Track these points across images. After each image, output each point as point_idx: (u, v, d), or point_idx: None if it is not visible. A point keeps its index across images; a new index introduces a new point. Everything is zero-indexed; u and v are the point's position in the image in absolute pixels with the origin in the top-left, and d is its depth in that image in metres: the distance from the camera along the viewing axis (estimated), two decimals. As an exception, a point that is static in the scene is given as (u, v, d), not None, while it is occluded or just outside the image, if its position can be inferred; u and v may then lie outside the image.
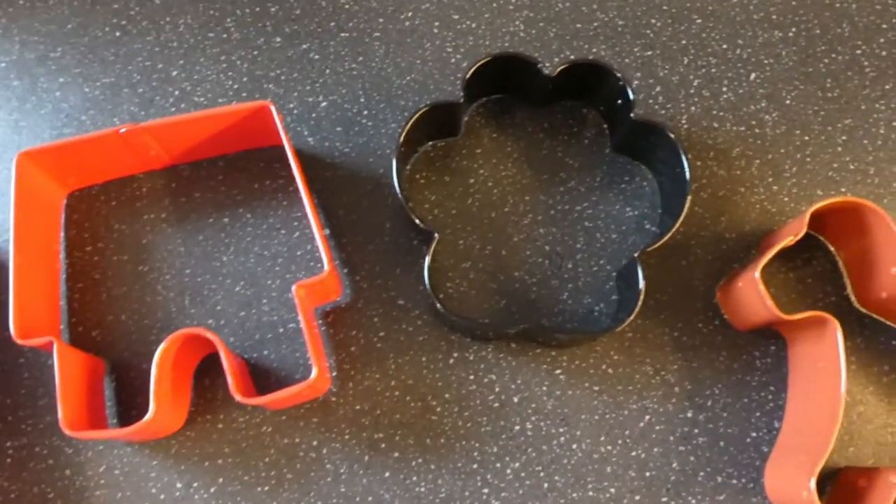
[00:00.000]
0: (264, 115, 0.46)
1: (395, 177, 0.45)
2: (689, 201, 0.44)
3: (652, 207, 0.49)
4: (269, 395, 0.41)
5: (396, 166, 0.45)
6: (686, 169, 0.44)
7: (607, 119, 0.51)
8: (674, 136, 0.45)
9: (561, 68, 0.46)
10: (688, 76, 0.53)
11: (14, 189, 0.44)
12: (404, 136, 0.45)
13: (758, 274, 0.42)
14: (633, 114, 0.46)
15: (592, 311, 0.47)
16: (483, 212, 0.49)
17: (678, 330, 0.47)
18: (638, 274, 0.43)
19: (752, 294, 0.43)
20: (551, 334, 0.45)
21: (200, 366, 0.46)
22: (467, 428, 0.45)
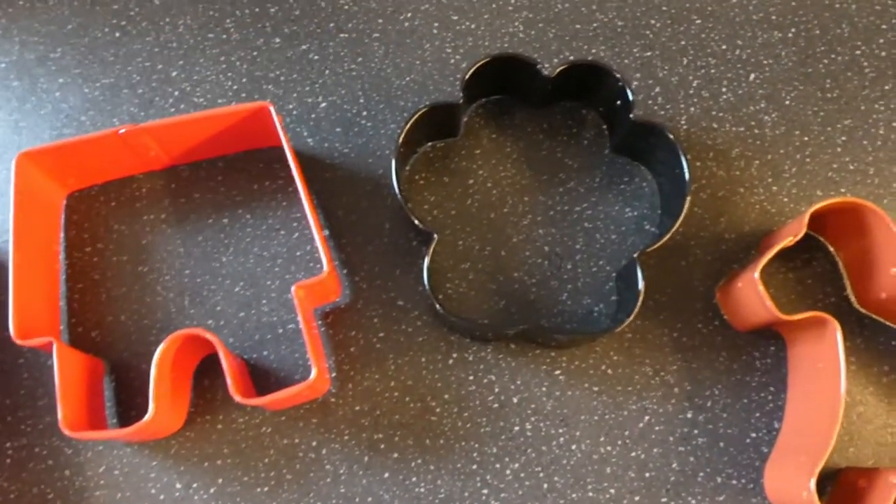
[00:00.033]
0: (263, 115, 0.46)
1: (395, 177, 0.45)
2: (688, 202, 0.44)
3: (651, 208, 0.49)
4: (268, 395, 0.41)
5: (396, 167, 0.45)
6: (685, 169, 0.44)
7: (607, 120, 0.51)
8: (673, 136, 0.45)
9: (560, 69, 0.46)
10: (687, 77, 0.53)
11: (14, 189, 0.44)
12: (403, 136, 0.45)
13: (757, 274, 0.42)
14: (632, 114, 0.46)
15: (592, 312, 0.47)
16: (482, 212, 0.49)
17: (678, 330, 0.47)
18: (637, 274, 0.43)
19: (751, 294, 0.43)
20: (551, 335, 0.45)
21: (200, 366, 0.46)
22: (467, 428, 0.45)
